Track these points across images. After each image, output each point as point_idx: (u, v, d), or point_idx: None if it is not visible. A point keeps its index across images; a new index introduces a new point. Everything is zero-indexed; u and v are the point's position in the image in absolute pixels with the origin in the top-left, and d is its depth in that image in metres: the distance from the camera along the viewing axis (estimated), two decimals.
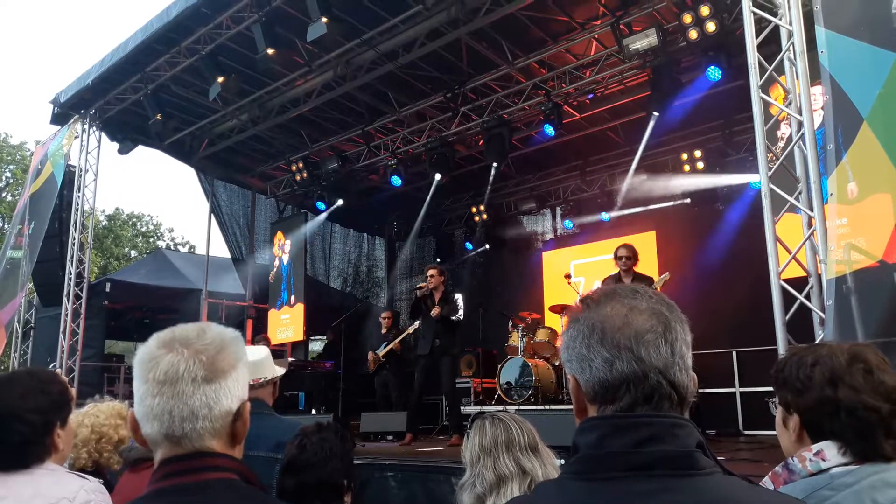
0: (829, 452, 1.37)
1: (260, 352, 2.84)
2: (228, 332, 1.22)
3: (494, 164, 10.16)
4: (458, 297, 7.18)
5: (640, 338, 0.95)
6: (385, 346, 8.76)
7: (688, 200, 10.12)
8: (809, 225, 4.60)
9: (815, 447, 1.39)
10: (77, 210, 10.04)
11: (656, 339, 0.95)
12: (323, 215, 12.19)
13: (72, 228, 10.01)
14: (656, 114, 8.37)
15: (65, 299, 9.79)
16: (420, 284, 7.20)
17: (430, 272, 7.17)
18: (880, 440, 1.35)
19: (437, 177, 10.39)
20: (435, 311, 6.96)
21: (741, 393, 8.00)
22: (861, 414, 1.36)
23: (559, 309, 8.85)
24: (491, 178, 10.98)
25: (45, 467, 1.77)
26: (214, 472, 1.13)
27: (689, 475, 0.88)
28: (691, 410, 0.99)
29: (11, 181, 26.15)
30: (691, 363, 0.99)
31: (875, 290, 3.99)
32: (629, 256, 6.76)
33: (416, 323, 7.72)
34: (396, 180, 10.84)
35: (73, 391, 2.01)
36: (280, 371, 2.83)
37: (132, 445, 2.37)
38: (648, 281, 6.92)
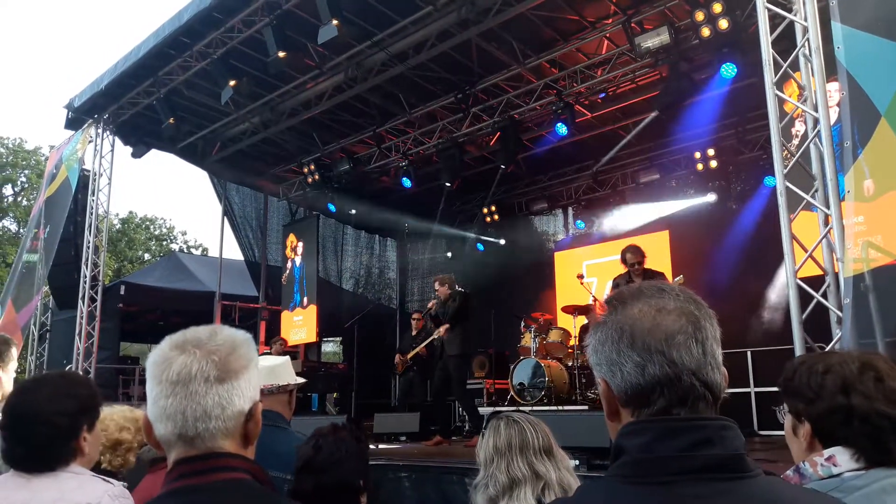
0: (841, 458, 1.36)
1: (276, 359, 2.78)
2: (240, 334, 1.23)
3: (502, 167, 10.09)
4: (459, 296, 7.49)
5: (670, 340, 0.93)
6: (413, 349, 8.82)
7: (702, 199, 10.05)
8: (826, 223, 4.55)
9: (827, 452, 1.38)
10: (91, 214, 10.12)
11: (687, 340, 0.94)
12: None
13: (86, 232, 10.10)
14: (656, 112, 8.28)
15: (80, 302, 9.87)
16: (430, 304, 7.77)
17: (436, 286, 7.64)
18: (892, 446, 1.35)
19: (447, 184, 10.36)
20: (442, 330, 7.35)
21: (756, 393, 7.92)
22: (874, 421, 1.36)
23: (571, 309, 8.81)
24: (496, 180, 10.88)
25: (70, 470, 1.77)
26: (227, 473, 1.13)
27: (739, 478, 0.88)
28: None
29: (27, 186, 26.43)
30: (722, 359, 0.98)
31: (893, 288, 3.94)
32: (638, 261, 6.69)
33: (441, 328, 8.01)
34: (407, 182, 10.85)
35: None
36: (298, 380, 2.76)
37: (149, 447, 2.37)
38: (661, 277, 6.85)
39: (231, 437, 1.16)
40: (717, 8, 6.82)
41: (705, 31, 6.98)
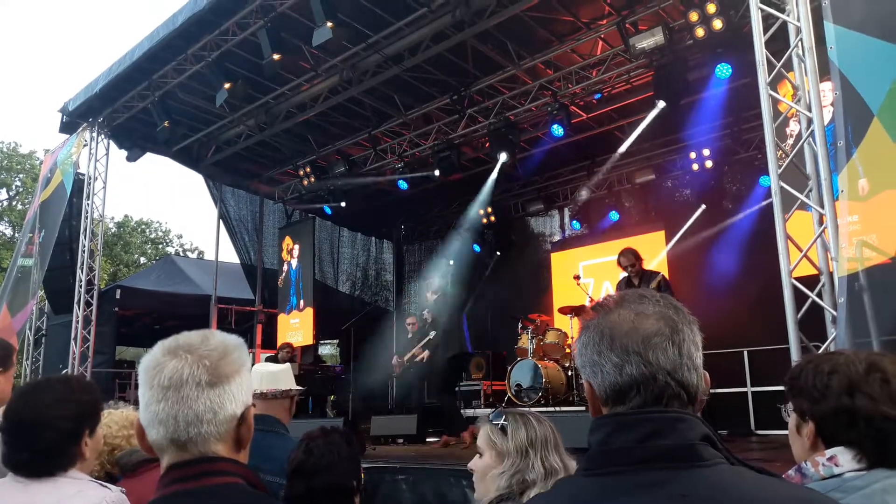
0: (843, 458, 1.36)
1: (278, 364, 2.84)
2: (231, 339, 1.24)
3: (502, 160, 9.99)
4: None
5: (647, 341, 0.99)
6: (409, 352, 8.85)
7: (697, 201, 10.07)
8: (820, 222, 4.55)
9: (829, 452, 1.38)
10: (86, 218, 10.10)
11: (664, 342, 0.99)
12: None
13: (81, 236, 10.07)
14: (662, 103, 8.23)
15: (75, 306, 9.84)
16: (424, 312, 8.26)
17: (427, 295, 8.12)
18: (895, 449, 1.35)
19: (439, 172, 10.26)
20: (425, 355, 7.91)
21: (752, 392, 7.94)
22: (879, 423, 1.35)
23: (568, 310, 8.80)
24: (494, 175, 10.67)
25: (69, 476, 1.77)
26: (220, 477, 1.14)
27: (690, 467, 0.91)
28: (704, 410, 1.00)
29: (21, 190, 26.35)
30: (701, 362, 1.02)
31: (888, 287, 3.95)
32: (631, 264, 6.76)
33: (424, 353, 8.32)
34: (403, 184, 10.84)
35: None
36: (297, 387, 2.80)
37: (132, 450, 2.36)
38: (651, 275, 6.92)
39: (223, 442, 1.16)
40: (711, 8, 6.84)
41: (699, 32, 6.99)
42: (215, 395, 1.15)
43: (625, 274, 6.89)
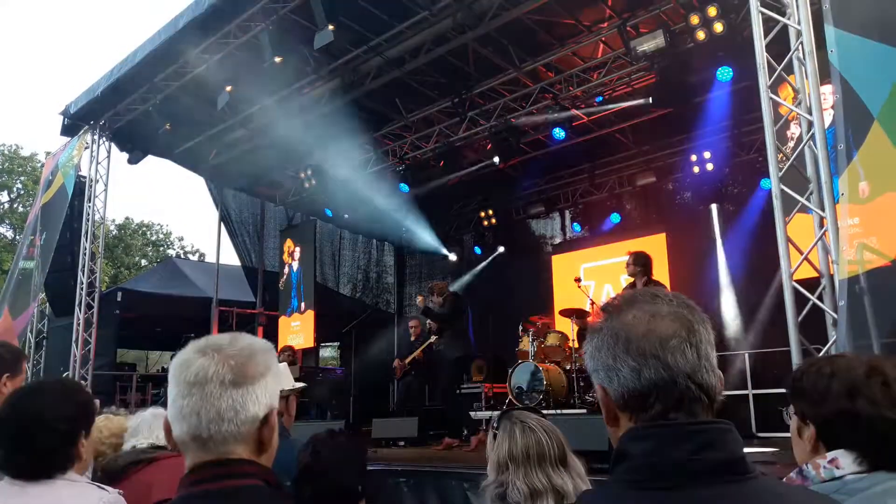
0: (844, 461, 1.37)
1: None
2: (260, 342, 1.27)
3: (496, 161, 9.90)
4: (447, 301, 7.66)
5: (665, 344, 0.95)
6: (411, 354, 8.86)
7: (698, 203, 10.08)
8: (821, 225, 4.55)
9: (830, 455, 1.39)
10: (88, 220, 10.10)
11: (681, 344, 0.95)
12: None
13: (83, 238, 10.07)
14: (649, 99, 8.21)
15: (77, 309, 9.84)
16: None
17: (433, 298, 7.89)
18: None
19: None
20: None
21: (754, 395, 7.93)
22: (879, 426, 1.36)
23: (570, 313, 8.81)
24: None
25: (66, 478, 1.78)
26: (241, 479, 1.16)
27: (742, 479, 0.90)
28: None
29: (23, 192, 26.37)
30: (716, 362, 1.00)
31: (888, 290, 3.95)
32: (630, 263, 6.70)
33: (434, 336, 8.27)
34: (405, 187, 10.85)
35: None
36: (295, 385, 2.78)
37: (116, 455, 2.37)
38: (661, 287, 6.88)
39: (244, 443, 1.18)
40: (712, 11, 6.85)
41: (700, 35, 7.00)
42: (238, 395, 1.17)
43: (630, 278, 6.86)
